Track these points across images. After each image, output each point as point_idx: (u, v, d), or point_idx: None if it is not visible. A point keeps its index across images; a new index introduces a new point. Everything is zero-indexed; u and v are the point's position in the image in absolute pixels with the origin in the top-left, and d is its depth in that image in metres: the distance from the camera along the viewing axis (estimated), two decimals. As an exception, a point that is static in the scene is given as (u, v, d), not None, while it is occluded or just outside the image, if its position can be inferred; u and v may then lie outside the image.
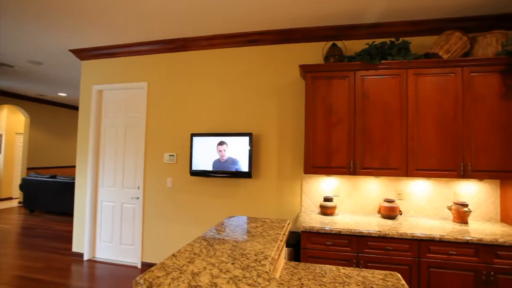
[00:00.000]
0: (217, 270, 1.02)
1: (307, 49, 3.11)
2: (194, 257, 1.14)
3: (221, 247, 1.25)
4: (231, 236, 1.42)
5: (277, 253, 1.22)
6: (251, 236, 1.42)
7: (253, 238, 1.40)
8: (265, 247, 1.27)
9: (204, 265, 1.06)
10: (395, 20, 2.86)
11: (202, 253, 1.19)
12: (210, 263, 1.08)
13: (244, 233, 1.47)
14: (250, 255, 1.18)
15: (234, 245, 1.28)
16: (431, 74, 2.53)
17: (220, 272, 1.00)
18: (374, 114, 2.60)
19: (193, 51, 3.43)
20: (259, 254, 1.18)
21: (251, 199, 3.18)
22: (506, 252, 2.12)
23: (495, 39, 2.51)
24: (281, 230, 1.52)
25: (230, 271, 1.02)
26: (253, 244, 1.30)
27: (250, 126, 3.22)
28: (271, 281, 0.94)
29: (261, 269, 1.04)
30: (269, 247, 1.27)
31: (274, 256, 1.18)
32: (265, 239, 1.38)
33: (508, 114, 2.42)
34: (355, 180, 2.93)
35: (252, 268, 1.05)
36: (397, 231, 2.26)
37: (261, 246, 1.28)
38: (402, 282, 1.36)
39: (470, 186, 2.74)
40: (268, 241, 1.35)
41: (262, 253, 1.20)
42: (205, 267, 1.05)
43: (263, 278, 0.97)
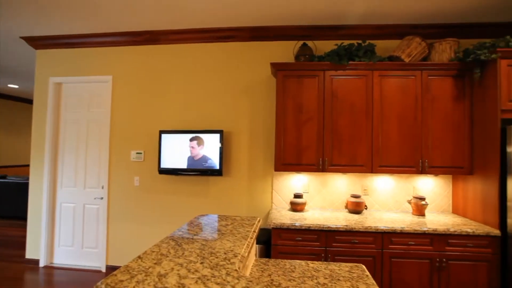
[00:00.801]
0: (185, 271, 0.99)
1: (278, 47, 3.14)
2: (161, 258, 1.09)
3: (190, 247, 1.22)
4: (201, 235, 1.39)
5: (246, 251, 1.22)
6: (221, 235, 1.41)
7: (223, 236, 1.38)
8: (235, 245, 1.26)
9: (171, 266, 1.02)
10: (362, 23, 2.98)
11: (169, 253, 1.15)
12: (178, 264, 1.05)
13: (214, 231, 1.45)
14: (220, 253, 1.16)
15: (204, 244, 1.26)
16: (394, 76, 2.68)
17: (188, 273, 0.98)
18: (342, 113, 2.69)
19: (162, 45, 3.30)
20: (228, 253, 1.17)
21: (222, 197, 3.15)
22: (456, 240, 2.31)
23: (449, 46, 2.71)
24: (251, 228, 1.52)
25: (199, 271, 0.99)
26: (223, 243, 1.29)
27: (221, 123, 3.18)
28: (240, 279, 0.94)
29: (230, 267, 1.03)
30: (239, 245, 1.26)
31: (244, 254, 1.17)
32: (235, 237, 1.37)
33: (459, 115, 2.64)
34: (324, 176, 3.02)
35: (221, 267, 1.03)
36: (362, 225, 2.37)
37: (231, 244, 1.27)
38: (366, 273, 1.42)
39: (427, 181, 2.95)
40: (238, 239, 1.34)
41: (231, 251, 1.18)
42: (172, 268, 1.01)
43: (232, 276, 0.96)
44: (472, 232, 2.29)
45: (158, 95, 3.29)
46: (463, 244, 2.31)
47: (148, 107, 3.29)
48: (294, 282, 1.32)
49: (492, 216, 2.38)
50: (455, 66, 2.62)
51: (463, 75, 2.65)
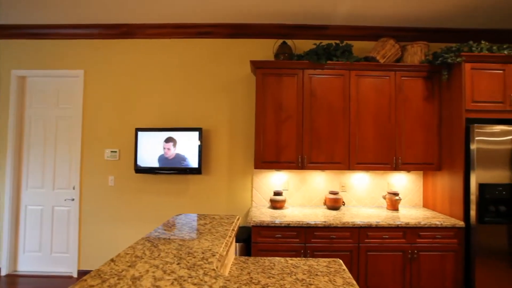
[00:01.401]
0: (161, 272, 0.96)
1: (258, 45, 3.13)
2: (136, 260, 1.05)
3: (166, 247, 1.19)
4: (178, 235, 1.36)
5: (225, 250, 1.20)
6: (199, 234, 1.38)
7: (201, 235, 1.36)
8: (213, 244, 1.24)
9: (146, 268, 0.99)
10: (340, 24, 3.04)
11: (145, 255, 1.11)
12: (154, 265, 1.01)
13: (191, 231, 1.42)
14: (197, 253, 1.14)
15: (181, 244, 1.23)
16: (370, 76, 2.76)
17: (164, 274, 0.95)
18: (321, 111, 2.74)
19: (139, 39, 3.18)
20: (206, 252, 1.15)
21: (201, 196, 3.11)
22: (426, 233, 2.44)
23: (420, 49, 2.84)
24: (230, 226, 1.50)
25: (175, 272, 0.97)
26: (200, 242, 1.26)
27: (200, 121, 3.13)
28: (218, 279, 0.92)
29: (208, 267, 1.02)
30: (218, 244, 1.25)
31: (222, 253, 1.16)
32: (214, 236, 1.35)
33: (429, 115, 2.78)
34: (303, 174, 3.06)
35: (198, 267, 1.01)
36: (340, 220, 2.43)
37: (209, 243, 1.25)
38: (343, 267, 1.46)
39: (400, 177, 3.08)
40: (216, 238, 1.32)
41: (209, 251, 1.16)
42: (147, 270, 0.98)
43: (209, 276, 0.94)
44: (440, 224, 2.42)
45: (135, 91, 3.17)
46: (432, 236, 2.44)
47: (123, 104, 3.17)
48: (273, 279, 1.33)
49: (457, 208, 2.52)
50: (425, 68, 2.75)
51: (432, 77, 2.78)
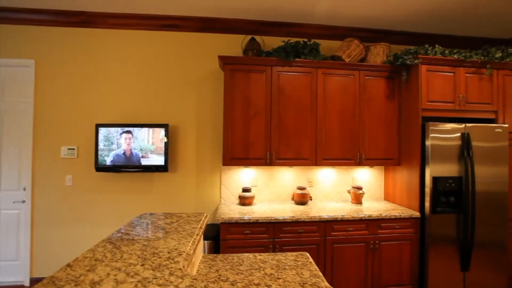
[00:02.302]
0: (123, 275, 0.91)
1: (227, 40, 3.09)
2: (96, 264, 0.99)
3: (130, 249, 1.13)
4: (142, 235, 1.30)
5: (192, 248, 1.17)
6: (165, 233, 1.33)
7: (167, 235, 1.31)
8: (180, 243, 1.21)
9: (107, 271, 0.93)
10: (308, 23, 3.10)
11: (106, 257, 1.04)
12: (116, 268, 0.96)
13: (157, 230, 1.37)
14: (163, 253, 1.10)
15: (145, 245, 1.18)
16: (336, 75, 2.85)
17: (127, 277, 0.90)
18: (289, 108, 2.78)
19: (100, 29, 2.98)
20: (172, 251, 1.11)
21: (168, 194, 3.01)
22: (386, 224, 2.59)
23: (382, 50, 2.99)
24: (197, 224, 1.47)
25: (139, 274, 0.92)
26: (167, 241, 1.22)
27: (166, 117, 3.01)
28: (184, 278, 0.90)
29: (174, 266, 0.98)
30: (184, 242, 1.21)
31: (189, 252, 1.13)
32: (180, 234, 1.31)
33: (390, 113, 2.94)
34: (271, 170, 3.09)
35: (164, 267, 0.97)
36: (307, 215, 2.49)
37: (175, 242, 1.21)
38: (310, 260, 1.50)
39: (364, 172, 3.24)
40: (183, 237, 1.28)
41: (176, 250, 1.13)
42: (108, 273, 0.92)
43: (176, 275, 0.91)
44: (399, 215, 2.59)
45: (95, 84, 2.96)
46: (392, 227, 2.60)
47: (82, 98, 2.95)
48: (241, 275, 1.32)
49: (414, 200, 2.72)
50: (387, 69, 2.91)
51: (393, 77, 2.95)
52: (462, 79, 2.76)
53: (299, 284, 1.23)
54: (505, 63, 2.80)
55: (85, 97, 2.95)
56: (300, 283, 1.24)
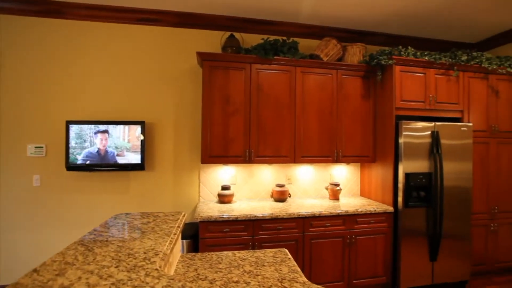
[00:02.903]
0: (96, 278, 0.87)
1: (206, 36, 3.04)
2: (66, 268, 0.94)
3: (103, 250, 1.09)
4: (117, 236, 1.25)
5: (169, 248, 1.15)
6: (141, 233, 1.30)
7: (143, 235, 1.28)
8: (157, 243, 1.18)
9: (79, 275, 0.89)
10: (288, 21, 3.12)
11: (77, 260, 0.99)
12: (88, 271, 0.92)
13: (133, 230, 1.33)
14: (139, 253, 1.07)
15: (120, 246, 1.14)
16: (315, 73, 2.90)
17: (100, 279, 0.86)
18: (268, 106, 2.79)
19: (71, 20, 2.82)
20: (149, 252, 1.08)
21: (145, 193, 2.93)
22: (362, 219, 2.68)
23: (358, 50, 3.08)
24: (175, 223, 1.44)
25: (113, 276, 0.89)
26: (143, 242, 1.19)
27: (143, 114, 2.92)
28: (161, 278, 0.88)
29: (150, 267, 0.96)
30: (161, 242, 1.18)
31: (166, 251, 1.10)
32: (157, 234, 1.28)
33: (366, 111, 3.04)
34: (250, 168, 3.10)
35: (140, 268, 0.95)
36: (286, 212, 2.52)
37: (152, 242, 1.18)
38: (288, 256, 1.52)
39: (341, 169, 3.33)
40: (160, 236, 1.25)
41: (152, 250, 1.10)
42: (80, 277, 0.88)
43: (152, 276, 0.89)
44: (374, 210, 2.69)
45: (66, 79, 2.81)
46: (367, 221, 2.70)
47: (51, 93, 2.79)
48: (220, 273, 1.31)
49: (388, 196, 2.83)
50: (363, 68, 2.99)
51: (369, 76, 3.04)
52: (432, 80, 2.90)
53: (278, 280, 1.24)
54: (470, 65, 2.98)
55: (55, 92, 2.79)
56: (278, 279, 1.25)
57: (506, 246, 3.18)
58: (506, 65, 3.07)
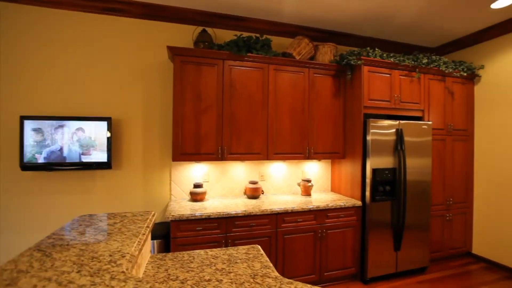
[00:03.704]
0: (55, 285, 0.81)
1: (177, 30, 2.95)
2: (19, 276, 0.86)
3: (63, 255, 1.01)
4: (79, 239, 1.18)
5: (137, 249, 1.10)
6: (107, 235, 1.23)
7: (109, 236, 1.21)
8: (124, 244, 1.12)
9: (34, 283, 0.82)
10: (261, 18, 3.11)
11: (32, 268, 0.92)
12: (45, 278, 0.85)
13: (97, 233, 1.25)
14: (104, 256, 1.01)
15: (83, 249, 1.07)
16: (287, 71, 2.93)
17: (58, 286, 0.80)
18: (240, 103, 2.77)
19: (28, 6, 2.58)
20: (115, 254, 1.03)
21: (112, 193, 2.78)
22: (333, 213, 2.77)
23: (330, 50, 3.16)
24: (144, 223, 1.39)
25: (74, 281, 0.83)
26: (108, 244, 1.13)
27: (109, 109, 2.77)
28: (128, 281, 0.83)
29: (116, 270, 0.91)
30: (129, 243, 1.13)
31: (134, 253, 1.06)
32: (125, 235, 1.22)
33: (336, 109, 3.13)
34: (223, 165, 3.07)
35: (105, 271, 0.90)
36: (259, 208, 2.53)
37: (118, 244, 1.13)
38: (261, 252, 1.52)
39: (312, 165, 3.41)
40: (128, 237, 1.20)
41: (119, 252, 1.05)
42: (35, 285, 0.81)
43: (118, 279, 0.84)
44: (344, 205, 2.79)
45: (20, 70, 2.58)
46: (337, 216, 2.79)
47: (4, 87, 2.54)
48: (192, 272, 1.29)
49: (357, 190, 2.95)
50: (334, 67, 3.08)
51: (339, 76, 3.14)
52: (397, 81, 3.06)
53: (250, 276, 1.24)
54: (430, 68, 3.19)
55: (7, 84, 2.55)
56: (251, 275, 1.25)
57: (459, 233, 3.47)
58: (460, 69, 3.33)
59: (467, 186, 3.52)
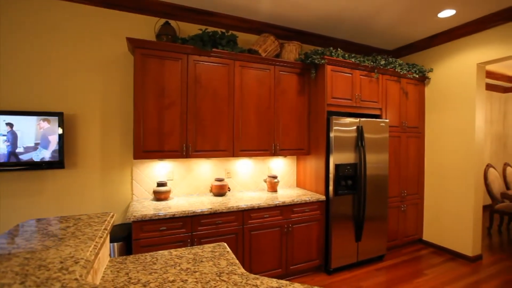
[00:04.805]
0: (-7, 298, 0.72)
1: (138, 21, 2.79)
2: None
3: (3, 266, 0.91)
4: (24, 246, 1.06)
5: (93, 253, 1.02)
6: (58, 240, 1.13)
7: (60, 242, 1.11)
8: (77, 249, 1.04)
9: (-34, 298, 0.72)
10: (227, 13, 3.06)
11: (-35, 280, 0.81)
12: (-20, 292, 0.75)
13: (46, 238, 1.14)
14: (54, 264, 0.92)
15: (28, 258, 0.97)
16: (253, 68, 2.93)
17: (-3, 300, 0.72)
18: (206, 99, 2.71)
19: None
20: (67, 260, 0.95)
21: (66, 195, 2.57)
22: (298, 208, 2.85)
23: (295, 48, 3.22)
24: (101, 226, 1.29)
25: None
26: (59, 250, 1.03)
27: (61, 104, 2.54)
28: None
29: (68, 277, 0.84)
30: (83, 248, 1.05)
31: (89, 258, 0.98)
32: (79, 239, 1.13)
33: (301, 106, 3.21)
34: (188, 162, 2.99)
35: (54, 280, 0.82)
36: (226, 206, 2.51)
37: (71, 249, 1.04)
38: (227, 249, 1.51)
39: (278, 161, 3.46)
40: (82, 241, 1.11)
41: (72, 258, 0.96)
42: (-32, 299, 0.71)
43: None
44: (308, 200, 2.87)
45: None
46: (302, 210, 2.87)
47: None
48: (155, 274, 1.24)
49: (321, 185, 3.06)
50: (299, 66, 3.14)
51: (304, 74, 3.21)
52: (358, 80, 3.21)
53: (216, 274, 1.22)
54: (387, 69, 3.40)
55: None
56: (217, 273, 1.24)
57: (411, 222, 3.77)
58: (413, 71, 3.60)
59: (419, 179, 3.83)
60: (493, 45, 3.08)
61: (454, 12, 2.98)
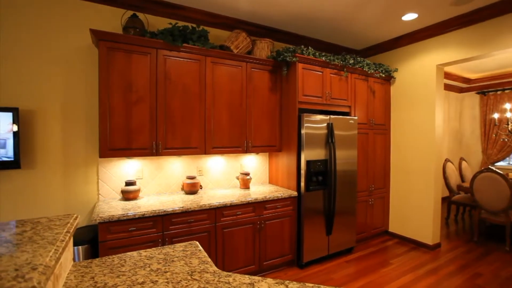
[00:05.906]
0: None
1: (102, 13, 2.64)
2: None
3: None
4: (-27, 253, 0.97)
5: (54, 258, 0.96)
6: (13, 246, 1.04)
7: (16, 248, 1.03)
8: (35, 255, 0.97)
9: None
10: (197, 8, 2.99)
11: None
12: None
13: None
14: (7, 272, 0.85)
15: (-23, 266, 0.88)
16: (225, 65, 2.90)
17: None
18: (176, 95, 2.65)
19: None
20: (23, 267, 0.88)
21: (23, 197, 2.38)
22: (271, 205, 2.88)
23: (267, 45, 3.23)
24: (63, 228, 1.22)
25: (-36, 306, 0.68)
26: (14, 257, 0.96)
27: (16, 99, 2.34)
28: (38, 297, 0.72)
29: (24, 285, 0.78)
30: (42, 253, 0.98)
31: (49, 263, 0.92)
32: (37, 244, 1.06)
33: (273, 103, 3.24)
34: (158, 160, 2.91)
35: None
36: (198, 204, 2.48)
37: (28, 255, 0.97)
38: (199, 248, 1.49)
39: (250, 158, 3.47)
40: (41, 246, 1.04)
41: (28, 264, 0.90)
42: None
43: (25, 296, 0.72)
44: (281, 196, 2.92)
45: None
46: (275, 207, 2.91)
47: None
48: (124, 276, 1.19)
49: (292, 182, 3.12)
50: (271, 63, 3.17)
51: (276, 71, 3.24)
52: (328, 78, 3.31)
53: (188, 274, 1.20)
54: (356, 68, 3.54)
55: None
56: (188, 272, 1.22)
57: (379, 215, 3.98)
58: (380, 70, 3.77)
59: (385, 174, 4.05)
60: (451, 47, 3.32)
61: (416, 15, 3.16)
